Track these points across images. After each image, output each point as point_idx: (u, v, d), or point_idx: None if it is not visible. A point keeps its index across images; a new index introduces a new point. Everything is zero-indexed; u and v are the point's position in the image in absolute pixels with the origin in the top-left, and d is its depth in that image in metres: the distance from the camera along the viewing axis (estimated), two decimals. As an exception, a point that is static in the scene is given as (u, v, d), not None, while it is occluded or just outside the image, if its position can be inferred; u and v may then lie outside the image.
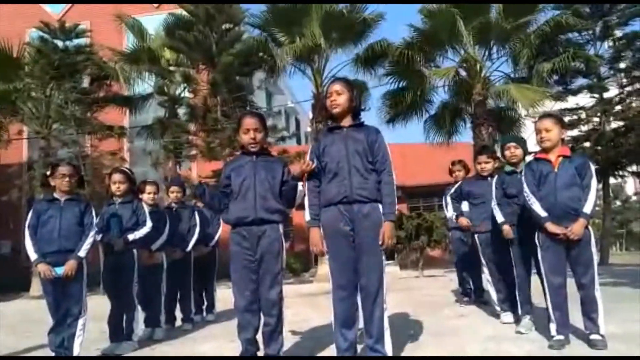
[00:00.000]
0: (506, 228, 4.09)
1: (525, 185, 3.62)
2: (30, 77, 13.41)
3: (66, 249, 3.73)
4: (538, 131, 3.57)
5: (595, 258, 3.53)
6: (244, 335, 3.20)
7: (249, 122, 3.29)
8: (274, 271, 3.19)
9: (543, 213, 3.47)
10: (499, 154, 4.84)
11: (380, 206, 3.04)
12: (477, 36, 12.27)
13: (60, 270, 3.66)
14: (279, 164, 3.35)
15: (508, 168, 4.28)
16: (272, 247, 3.19)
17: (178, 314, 5.55)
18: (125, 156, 15.87)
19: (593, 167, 3.55)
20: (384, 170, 3.06)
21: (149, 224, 4.45)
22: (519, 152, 4.24)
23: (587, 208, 3.40)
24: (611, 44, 15.22)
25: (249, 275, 3.19)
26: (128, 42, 16.78)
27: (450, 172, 6.14)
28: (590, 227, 3.49)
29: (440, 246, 13.76)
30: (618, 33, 15.11)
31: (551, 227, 3.42)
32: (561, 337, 3.39)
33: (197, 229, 5.57)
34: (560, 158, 3.51)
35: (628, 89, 15.15)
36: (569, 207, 3.42)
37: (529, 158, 4.11)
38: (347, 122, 3.16)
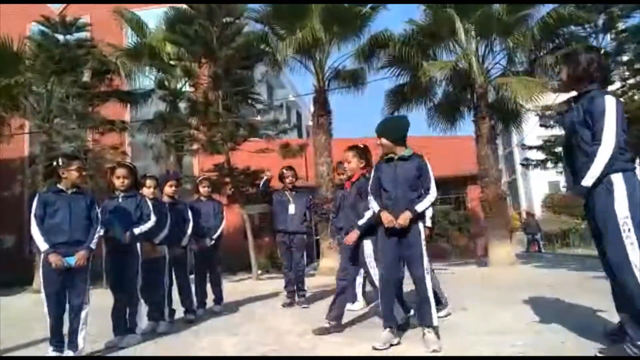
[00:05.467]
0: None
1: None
2: (32, 72, 13.35)
3: (75, 240, 3.76)
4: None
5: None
6: None
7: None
8: None
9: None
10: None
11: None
12: (478, 29, 12.21)
13: (71, 261, 3.68)
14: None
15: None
16: None
17: (180, 307, 5.58)
18: (127, 150, 15.88)
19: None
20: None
21: (154, 217, 4.48)
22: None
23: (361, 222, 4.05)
24: (613, 36, 15.12)
25: None
26: (128, 35, 16.74)
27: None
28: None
29: (443, 239, 13.77)
30: (620, 25, 15.01)
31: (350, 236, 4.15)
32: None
33: (191, 224, 5.55)
34: (350, 183, 4.30)
35: (630, 81, 15.06)
36: (349, 222, 4.28)
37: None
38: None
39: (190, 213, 5.59)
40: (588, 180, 2.82)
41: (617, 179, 2.81)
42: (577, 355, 3.06)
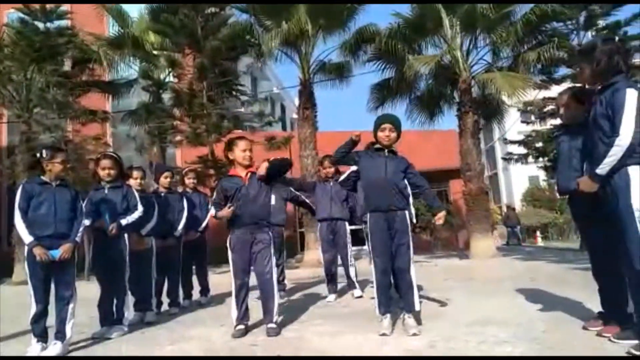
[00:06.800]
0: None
1: None
2: (11, 60, 13.09)
3: (61, 233, 3.72)
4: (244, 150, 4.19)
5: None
6: None
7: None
8: None
9: None
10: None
11: None
12: (463, 24, 12.32)
13: (56, 254, 3.65)
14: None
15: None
16: None
17: (165, 298, 5.58)
18: (109, 141, 15.67)
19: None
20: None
21: (140, 208, 4.46)
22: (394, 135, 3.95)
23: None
24: (594, 33, 15.39)
25: None
26: (110, 24, 16.46)
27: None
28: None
29: (425, 232, 13.93)
30: (601, 23, 15.28)
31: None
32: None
33: (185, 214, 5.61)
34: (249, 174, 4.14)
35: (610, 78, 15.36)
36: (256, 217, 4.03)
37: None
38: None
39: (185, 203, 5.64)
40: (603, 168, 2.86)
41: (635, 171, 2.82)
42: (558, 344, 3.15)
